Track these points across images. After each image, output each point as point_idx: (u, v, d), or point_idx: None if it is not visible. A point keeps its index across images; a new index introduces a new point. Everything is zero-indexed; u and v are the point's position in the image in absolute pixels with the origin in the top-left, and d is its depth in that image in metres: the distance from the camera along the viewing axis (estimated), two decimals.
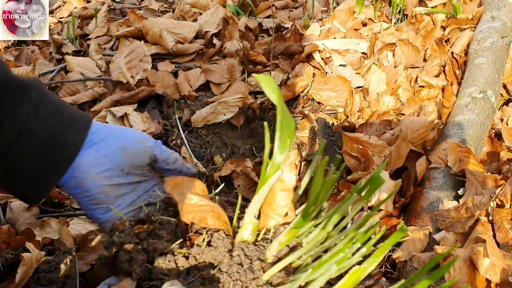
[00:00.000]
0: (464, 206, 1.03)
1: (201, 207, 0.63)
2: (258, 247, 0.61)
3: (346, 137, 1.29)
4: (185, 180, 0.68)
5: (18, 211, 1.10)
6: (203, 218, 0.62)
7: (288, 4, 2.31)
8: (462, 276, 0.87)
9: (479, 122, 1.36)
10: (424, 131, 1.29)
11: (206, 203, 0.63)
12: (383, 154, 1.24)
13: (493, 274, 0.83)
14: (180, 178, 0.68)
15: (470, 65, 1.58)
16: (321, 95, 1.60)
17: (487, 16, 1.72)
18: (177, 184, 0.66)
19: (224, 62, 1.73)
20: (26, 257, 0.85)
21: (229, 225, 0.63)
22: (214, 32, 1.84)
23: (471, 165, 1.16)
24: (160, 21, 1.87)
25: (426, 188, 1.18)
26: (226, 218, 0.64)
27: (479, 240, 0.95)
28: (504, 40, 1.61)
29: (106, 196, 0.78)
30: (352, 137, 1.29)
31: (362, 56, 1.80)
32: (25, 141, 0.71)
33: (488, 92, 1.44)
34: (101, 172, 0.77)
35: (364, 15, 2.05)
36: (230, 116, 1.54)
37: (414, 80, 1.64)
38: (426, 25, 1.85)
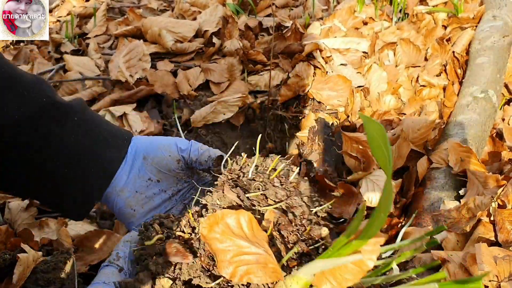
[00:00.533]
0: (465, 206, 1.03)
1: (244, 255, 0.53)
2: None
3: (346, 137, 1.28)
4: (226, 215, 0.56)
5: (17, 211, 1.10)
6: (245, 272, 0.53)
7: (288, 2, 2.30)
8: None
9: (481, 122, 1.35)
10: (425, 130, 1.29)
11: (251, 250, 0.53)
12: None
13: (487, 280, 0.83)
14: (221, 213, 0.56)
15: (471, 64, 1.58)
16: (321, 94, 1.59)
17: (489, 15, 1.72)
18: (216, 222, 0.55)
19: (224, 61, 1.72)
20: (22, 258, 0.84)
21: (278, 273, 0.54)
22: (213, 31, 1.83)
23: (472, 165, 1.15)
24: (159, 20, 1.86)
25: (427, 188, 1.17)
26: (275, 263, 0.54)
27: (481, 241, 0.94)
28: (506, 40, 1.60)
29: (133, 210, 0.79)
30: (352, 137, 1.28)
31: (363, 55, 1.80)
32: (67, 162, 0.74)
33: (490, 92, 1.44)
34: (124, 186, 0.78)
35: (365, 14, 2.04)
36: (229, 116, 1.53)
37: (415, 80, 1.64)
38: (427, 24, 1.84)
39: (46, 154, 0.72)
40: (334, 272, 0.55)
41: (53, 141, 0.72)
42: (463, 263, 0.87)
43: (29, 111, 0.70)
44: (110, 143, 0.78)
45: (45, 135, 0.71)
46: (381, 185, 1.11)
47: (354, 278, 0.53)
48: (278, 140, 1.60)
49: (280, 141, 1.59)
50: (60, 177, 0.74)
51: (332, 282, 0.55)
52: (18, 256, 0.85)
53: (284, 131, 1.59)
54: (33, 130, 0.70)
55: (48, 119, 0.72)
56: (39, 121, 0.70)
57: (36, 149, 0.71)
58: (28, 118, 0.69)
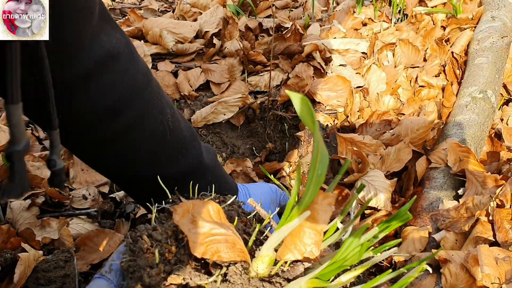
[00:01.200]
0: (464, 206, 1.03)
1: (213, 236, 0.58)
2: (274, 286, 0.58)
3: (341, 138, 1.29)
4: (196, 204, 0.62)
5: (18, 210, 1.10)
6: (216, 250, 0.57)
7: (288, 4, 2.31)
8: (459, 281, 0.86)
9: (479, 122, 1.35)
10: (424, 131, 1.29)
11: (220, 231, 0.59)
12: (378, 153, 1.24)
13: (489, 281, 0.83)
14: (191, 202, 0.62)
15: (470, 65, 1.58)
16: (321, 95, 1.60)
17: (487, 16, 1.72)
18: (187, 210, 0.61)
19: (224, 61, 1.73)
20: (23, 257, 0.85)
21: (245, 253, 0.59)
22: (214, 32, 1.84)
23: (471, 165, 1.16)
24: (160, 21, 1.87)
25: (426, 187, 1.17)
26: (242, 245, 0.59)
27: (479, 241, 0.95)
28: (504, 40, 1.61)
29: None
30: (346, 138, 1.28)
31: (362, 56, 1.80)
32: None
33: (488, 92, 1.44)
34: None
35: (364, 15, 2.04)
36: (230, 116, 1.54)
37: (414, 80, 1.64)
38: (426, 24, 1.85)
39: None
40: (293, 239, 0.58)
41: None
42: (464, 264, 0.87)
43: (183, 170, 0.81)
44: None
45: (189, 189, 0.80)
46: (376, 185, 1.12)
47: (313, 240, 0.57)
48: (278, 140, 1.60)
49: (280, 141, 1.60)
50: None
51: (293, 251, 0.58)
52: (18, 256, 0.86)
53: (284, 131, 1.59)
54: (181, 184, 0.78)
55: (193, 178, 0.80)
56: (186, 177, 0.81)
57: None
58: (180, 174, 0.81)
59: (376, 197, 1.11)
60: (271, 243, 0.58)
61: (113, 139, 0.74)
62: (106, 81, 0.69)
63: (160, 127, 0.78)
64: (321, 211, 0.56)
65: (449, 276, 0.87)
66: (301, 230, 0.57)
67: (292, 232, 0.58)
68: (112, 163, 0.80)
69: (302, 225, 0.57)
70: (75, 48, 0.66)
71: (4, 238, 0.98)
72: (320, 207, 0.57)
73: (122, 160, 0.78)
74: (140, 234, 0.63)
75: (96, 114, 0.70)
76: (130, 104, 0.72)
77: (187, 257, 0.60)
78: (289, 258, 0.58)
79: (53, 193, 1.17)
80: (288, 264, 0.61)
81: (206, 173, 0.86)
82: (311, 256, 0.58)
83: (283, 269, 0.60)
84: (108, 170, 0.83)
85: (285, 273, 0.60)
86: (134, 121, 0.74)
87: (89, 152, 0.78)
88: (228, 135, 1.57)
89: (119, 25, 2.11)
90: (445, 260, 0.90)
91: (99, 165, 0.82)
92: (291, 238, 0.59)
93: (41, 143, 1.46)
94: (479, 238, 0.96)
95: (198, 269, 0.59)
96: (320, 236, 0.57)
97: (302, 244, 0.57)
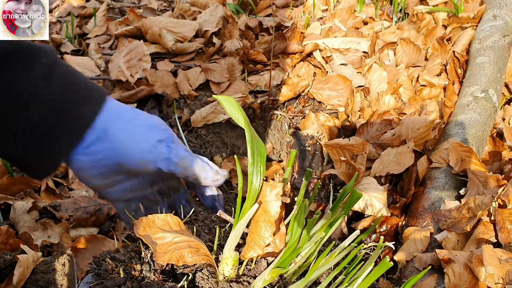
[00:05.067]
0: (466, 206, 1.03)
1: (176, 244, 0.58)
2: (242, 285, 0.59)
3: (328, 146, 1.28)
4: (157, 219, 0.62)
5: (20, 212, 1.10)
6: (180, 256, 0.58)
7: (288, 2, 2.30)
8: (463, 282, 0.86)
9: (481, 122, 1.35)
10: (425, 130, 1.29)
11: (182, 238, 0.59)
12: (364, 152, 1.23)
13: (492, 282, 0.82)
14: (152, 217, 0.62)
15: (471, 64, 1.58)
16: (322, 94, 1.59)
17: (489, 15, 1.72)
18: (148, 224, 0.61)
19: (224, 61, 1.72)
20: (22, 259, 0.84)
21: (210, 257, 0.60)
22: (214, 31, 1.83)
23: (473, 164, 1.15)
24: (160, 20, 1.86)
25: (428, 188, 1.17)
26: (206, 249, 0.60)
27: (481, 241, 0.94)
28: (506, 39, 1.60)
29: (98, 188, 0.79)
30: (333, 145, 1.28)
31: (363, 55, 1.79)
32: (34, 109, 0.64)
33: (490, 91, 1.43)
34: (92, 177, 0.74)
35: (365, 13, 2.04)
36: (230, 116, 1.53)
37: (415, 79, 1.63)
38: (427, 23, 1.84)
39: (11, 102, 0.63)
40: (252, 236, 0.60)
41: (20, 88, 0.63)
42: (468, 264, 0.87)
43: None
44: (84, 97, 0.69)
45: (10, 81, 0.63)
46: (369, 192, 1.12)
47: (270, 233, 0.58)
48: (278, 140, 1.60)
49: (280, 141, 1.59)
50: (24, 126, 0.65)
51: (254, 248, 0.59)
52: (17, 257, 0.85)
53: (284, 131, 1.59)
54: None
55: (14, 62, 0.62)
56: (3, 64, 0.62)
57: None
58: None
59: (371, 206, 1.11)
60: (230, 243, 0.59)
61: None
62: None
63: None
64: (271, 202, 0.58)
65: (452, 276, 0.87)
66: (257, 225, 0.59)
67: (250, 229, 0.60)
68: None
69: (257, 220, 0.59)
70: None
71: (3, 239, 0.98)
72: (269, 198, 0.58)
73: None
74: (103, 257, 0.65)
75: None
76: None
77: (153, 272, 0.61)
78: (252, 255, 0.60)
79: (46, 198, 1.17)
80: (254, 262, 0.62)
81: (39, 56, 0.64)
82: (276, 249, 0.60)
83: (249, 268, 0.62)
84: None
85: (251, 271, 0.61)
86: None
87: None
88: (228, 135, 1.57)
89: (119, 24, 2.09)
90: (449, 260, 0.89)
91: None
92: (251, 235, 0.60)
93: None
94: (481, 238, 0.95)
95: (166, 280, 0.60)
96: (274, 227, 0.58)
97: (260, 239, 0.59)
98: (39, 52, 0.64)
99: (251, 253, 0.60)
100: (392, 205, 1.15)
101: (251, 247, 0.60)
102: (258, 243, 0.59)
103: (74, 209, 1.14)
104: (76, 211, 1.13)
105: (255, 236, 0.59)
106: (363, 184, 1.15)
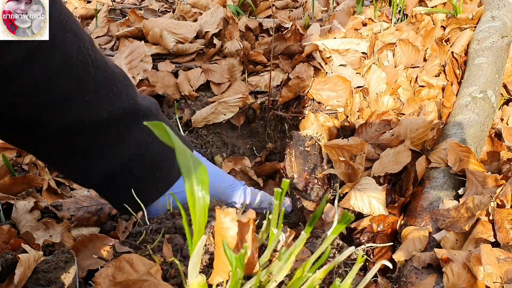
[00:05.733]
0: (464, 205, 1.03)
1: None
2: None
3: (327, 147, 1.29)
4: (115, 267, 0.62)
5: (22, 212, 1.10)
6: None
7: (288, 4, 2.31)
8: (461, 281, 0.86)
9: (479, 122, 1.35)
10: (424, 130, 1.29)
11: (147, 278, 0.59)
12: (363, 152, 1.24)
13: (490, 281, 0.83)
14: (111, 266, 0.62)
15: (470, 64, 1.58)
16: (321, 95, 1.60)
17: (487, 16, 1.72)
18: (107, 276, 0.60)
19: (225, 62, 1.73)
20: (23, 258, 0.85)
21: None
22: (214, 32, 1.84)
23: (471, 164, 1.16)
24: (161, 21, 1.87)
25: (426, 187, 1.17)
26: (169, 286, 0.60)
27: (480, 241, 0.95)
28: (504, 40, 1.61)
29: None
30: (332, 145, 1.29)
31: (362, 56, 1.80)
32: (137, 162, 0.77)
33: (488, 92, 1.44)
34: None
35: (364, 15, 2.05)
36: (230, 116, 1.54)
37: (414, 80, 1.64)
38: (426, 24, 1.85)
39: (125, 152, 0.75)
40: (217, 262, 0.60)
41: (131, 141, 0.75)
42: (466, 263, 0.87)
43: (116, 113, 0.72)
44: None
45: (127, 136, 0.74)
46: (368, 192, 1.12)
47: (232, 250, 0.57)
48: (278, 140, 1.60)
49: (280, 141, 1.60)
50: (126, 174, 0.78)
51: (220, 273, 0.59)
52: (18, 257, 0.86)
53: (284, 131, 1.59)
54: (119, 129, 0.73)
55: (133, 121, 0.74)
56: (126, 121, 0.73)
57: (116, 146, 0.74)
58: (113, 117, 0.71)
59: (370, 205, 1.12)
60: (190, 272, 0.57)
61: (13, 72, 0.59)
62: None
63: (78, 55, 0.64)
64: (226, 229, 0.58)
65: (451, 275, 0.87)
66: (219, 251, 0.59)
67: (215, 255, 0.60)
68: (15, 107, 0.63)
69: (218, 246, 0.59)
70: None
71: (5, 238, 0.99)
72: (224, 225, 0.58)
73: (31, 99, 0.63)
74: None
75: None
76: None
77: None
78: (219, 280, 0.60)
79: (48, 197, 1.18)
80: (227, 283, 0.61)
81: (148, 118, 0.78)
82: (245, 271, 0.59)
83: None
84: (14, 125, 0.67)
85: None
86: (40, 46, 0.60)
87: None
88: (228, 135, 1.57)
89: (120, 25, 2.10)
90: (447, 259, 0.90)
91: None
92: (216, 261, 0.60)
93: None
94: (479, 238, 0.96)
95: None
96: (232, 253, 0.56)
97: (224, 264, 0.58)
98: (150, 114, 0.78)
99: (217, 279, 0.60)
100: (391, 205, 1.15)
101: (218, 272, 0.60)
102: (222, 268, 0.59)
103: (75, 209, 1.14)
104: (78, 210, 1.14)
105: (219, 262, 0.59)
106: (362, 184, 1.15)
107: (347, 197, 1.15)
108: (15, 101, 0.63)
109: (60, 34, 0.62)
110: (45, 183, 1.21)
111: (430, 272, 0.93)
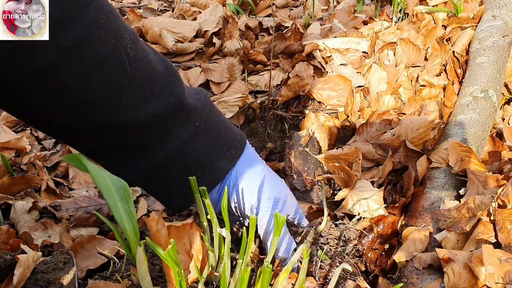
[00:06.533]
0: (465, 206, 1.03)
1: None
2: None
3: (325, 160, 1.30)
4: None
5: (20, 212, 1.10)
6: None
7: (288, 3, 2.30)
8: (462, 281, 0.86)
9: (481, 122, 1.35)
10: (425, 130, 1.29)
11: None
12: (358, 158, 1.25)
13: (492, 281, 0.82)
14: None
15: (471, 64, 1.58)
16: (321, 94, 1.60)
17: (488, 15, 1.72)
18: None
19: (224, 61, 1.73)
20: (22, 259, 0.84)
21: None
22: (214, 31, 1.84)
23: (472, 164, 1.15)
24: (160, 20, 1.87)
25: (427, 187, 1.17)
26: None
27: (481, 241, 0.94)
28: (506, 39, 1.60)
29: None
30: (329, 157, 1.30)
31: (362, 55, 1.80)
32: (178, 162, 0.75)
33: (490, 91, 1.43)
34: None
35: (365, 14, 2.04)
36: (230, 116, 1.53)
37: (415, 79, 1.64)
38: (427, 24, 1.84)
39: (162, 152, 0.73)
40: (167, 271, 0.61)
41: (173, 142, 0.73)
42: (468, 263, 0.87)
43: (155, 113, 0.69)
44: (223, 153, 0.79)
45: (166, 136, 0.72)
46: (364, 195, 1.12)
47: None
48: (278, 140, 1.60)
49: (280, 141, 1.59)
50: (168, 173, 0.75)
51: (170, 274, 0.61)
52: (17, 257, 0.85)
53: (284, 131, 1.59)
54: (157, 129, 0.70)
55: (174, 120, 0.71)
56: (165, 121, 0.70)
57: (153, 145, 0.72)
58: (151, 117, 0.68)
59: (367, 207, 1.12)
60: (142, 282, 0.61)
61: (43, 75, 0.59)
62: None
63: (114, 55, 0.63)
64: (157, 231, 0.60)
65: (452, 275, 0.87)
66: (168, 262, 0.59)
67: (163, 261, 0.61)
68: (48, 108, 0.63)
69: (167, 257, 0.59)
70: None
71: (3, 239, 0.98)
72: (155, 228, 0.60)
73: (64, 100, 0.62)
74: None
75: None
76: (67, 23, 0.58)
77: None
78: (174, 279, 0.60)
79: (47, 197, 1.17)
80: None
81: (192, 116, 0.74)
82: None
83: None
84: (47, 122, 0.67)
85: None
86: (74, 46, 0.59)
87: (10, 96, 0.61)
88: None
89: None
90: (448, 259, 0.89)
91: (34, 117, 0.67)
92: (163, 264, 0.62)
93: (41, 143, 1.46)
94: (480, 238, 0.95)
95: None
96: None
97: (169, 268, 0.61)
98: (195, 112, 0.74)
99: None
100: (392, 205, 1.15)
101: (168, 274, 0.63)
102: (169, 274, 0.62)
103: (74, 209, 1.14)
104: (77, 211, 1.13)
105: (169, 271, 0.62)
106: (358, 187, 1.16)
107: (345, 202, 1.15)
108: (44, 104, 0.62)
109: (95, 34, 0.60)
110: (43, 183, 1.21)
111: (431, 273, 0.93)
